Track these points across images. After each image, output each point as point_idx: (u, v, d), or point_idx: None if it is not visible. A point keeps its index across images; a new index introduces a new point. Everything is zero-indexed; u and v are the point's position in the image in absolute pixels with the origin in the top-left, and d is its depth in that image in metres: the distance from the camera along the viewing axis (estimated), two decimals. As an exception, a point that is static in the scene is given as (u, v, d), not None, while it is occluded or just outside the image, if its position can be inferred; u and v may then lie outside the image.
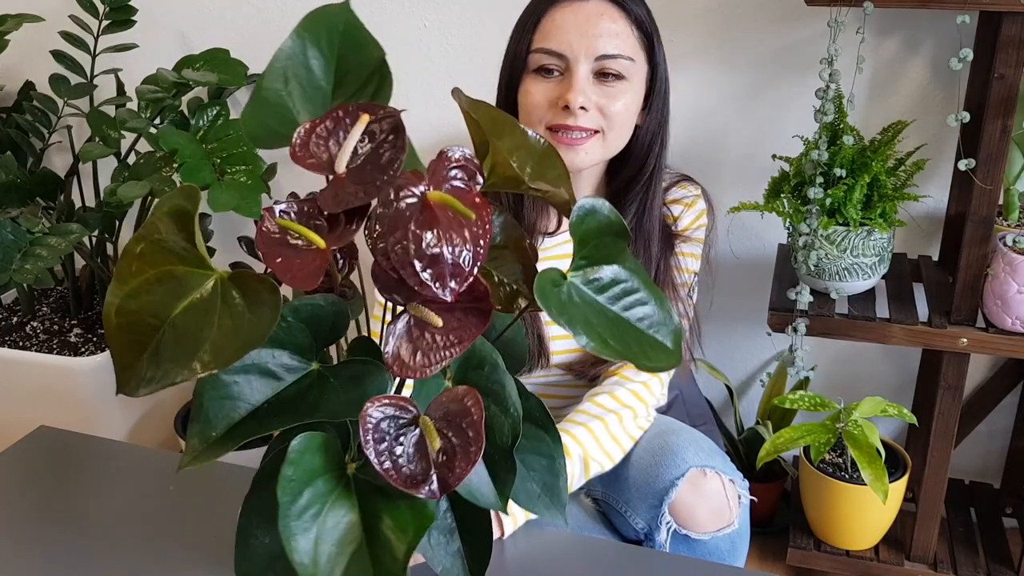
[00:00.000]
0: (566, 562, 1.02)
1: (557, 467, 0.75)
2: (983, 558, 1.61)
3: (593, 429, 1.18)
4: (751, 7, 1.64)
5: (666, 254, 1.30)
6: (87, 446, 1.21)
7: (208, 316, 0.58)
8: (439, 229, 0.59)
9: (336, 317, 0.65)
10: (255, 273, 0.59)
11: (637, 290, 0.70)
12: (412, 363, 0.62)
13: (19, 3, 2.01)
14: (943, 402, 1.48)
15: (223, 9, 1.92)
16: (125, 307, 0.59)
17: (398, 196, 0.60)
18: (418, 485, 0.60)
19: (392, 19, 1.82)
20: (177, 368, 0.57)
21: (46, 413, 1.73)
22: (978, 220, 1.37)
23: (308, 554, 0.59)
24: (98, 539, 1.02)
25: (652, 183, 1.27)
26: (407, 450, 0.61)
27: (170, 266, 0.60)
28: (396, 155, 0.62)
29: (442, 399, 0.64)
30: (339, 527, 0.61)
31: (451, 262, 0.59)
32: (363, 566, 0.60)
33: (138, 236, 0.61)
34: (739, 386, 1.93)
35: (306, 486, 0.60)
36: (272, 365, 0.64)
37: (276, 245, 0.61)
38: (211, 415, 0.62)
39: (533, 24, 1.18)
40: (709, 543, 1.16)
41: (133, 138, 1.87)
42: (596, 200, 0.67)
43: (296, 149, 0.64)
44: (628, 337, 0.68)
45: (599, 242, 0.68)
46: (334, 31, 0.71)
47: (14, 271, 1.57)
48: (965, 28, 1.32)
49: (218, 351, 0.56)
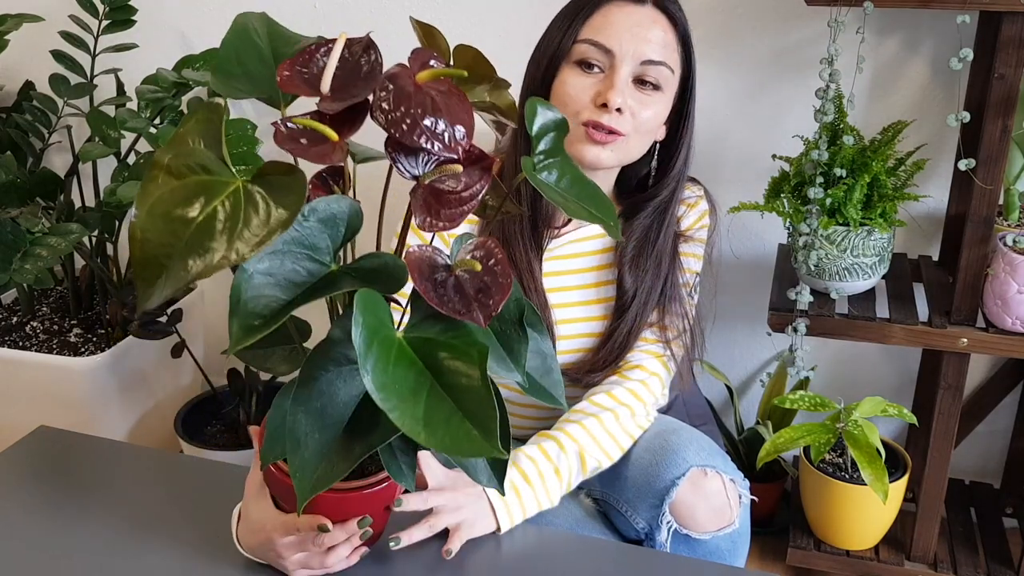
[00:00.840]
0: (566, 562, 1.02)
1: (549, 362, 0.84)
2: (983, 558, 1.61)
3: (588, 426, 1.18)
4: (751, 7, 1.64)
5: (673, 268, 1.30)
6: (87, 446, 1.21)
7: (235, 218, 0.62)
8: (435, 100, 0.69)
9: (352, 217, 0.72)
10: (275, 161, 0.65)
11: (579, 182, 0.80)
12: (439, 218, 0.71)
13: (19, 3, 2.01)
14: (943, 402, 1.48)
15: (223, 9, 1.92)
16: (150, 219, 0.63)
17: (394, 82, 0.69)
18: (466, 314, 0.69)
19: (392, 19, 1.83)
20: (205, 263, 0.61)
21: (46, 413, 1.73)
22: (978, 220, 1.37)
23: (391, 398, 0.65)
24: (98, 539, 1.02)
25: (671, 204, 1.27)
26: (448, 290, 0.70)
27: (195, 176, 0.64)
28: (373, 66, 0.71)
29: (467, 247, 0.73)
30: (409, 377, 0.68)
31: (451, 123, 0.69)
32: (438, 396, 0.67)
33: (165, 149, 0.66)
34: (739, 386, 1.93)
35: (374, 338, 0.67)
36: (296, 266, 0.70)
37: (295, 142, 0.69)
38: (250, 307, 0.68)
39: (585, 15, 1.18)
40: (709, 543, 1.16)
41: (133, 138, 1.87)
42: (537, 99, 0.77)
43: (283, 80, 0.72)
44: (587, 215, 0.78)
45: (548, 137, 0.78)
46: (260, 33, 0.83)
47: (14, 271, 1.57)
48: (965, 28, 1.32)
49: (246, 240, 0.62)
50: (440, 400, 0.67)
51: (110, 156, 1.78)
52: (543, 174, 0.77)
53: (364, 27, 1.85)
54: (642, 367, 1.26)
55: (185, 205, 0.63)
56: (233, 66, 0.79)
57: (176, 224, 0.62)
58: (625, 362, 1.28)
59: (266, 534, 0.93)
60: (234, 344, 0.65)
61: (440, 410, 0.66)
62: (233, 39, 0.81)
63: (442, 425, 0.65)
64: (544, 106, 0.78)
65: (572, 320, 1.30)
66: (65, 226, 1.65)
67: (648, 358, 1.28)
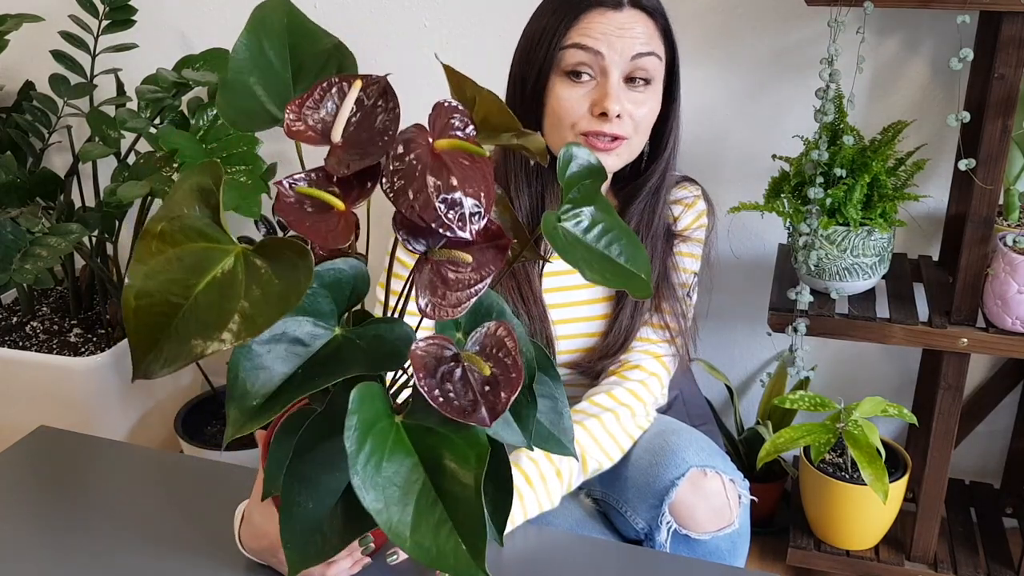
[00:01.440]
0: (566, 562, 1.02)
1: (560, 407, 0.79)
2: (983, 558, 1.61)
3: (589, 427, 1.18)
4: (751, 7, 1.64)
5: (666, 255, 1.30)
6: (87, 446, 1.21)
7: (234, 288, 0.58)
8: (454, 175, 0.63)
9: (356, 280, 0.68)
10: (282, 239, 0.60)
11: (612, 228, 0.75)
12: (443, 303, 0.65)
13: (19, 3, 2.01)
14: (943, 402, 1.48)
15: (223, 9, 1.92)
16: (145, 288, 0.59)
17: (408, 149, 0.63)
18: (470, 414, 0.64)
19: (392, 19, 1.83)
20: (204, 342, 0.57)
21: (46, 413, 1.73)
22: (978, 220, 1.37)
23: (380, 499, 0.61)
24: (98, 539, 1.02)
25: (661, 188, 1.28)
26: (455, 384, 0.65)
27: (191, 244, 0.61)
28: (390, 117, 0.66)
29: (476, 336, 0.69)
30: (401, 471, 0.63)
31: (470, 203, 0.63)
32: (431, 500, 0.63)
33: (158, 216, 0.62)
34: (739, 386, 1.93)
35: (368, 433, 0.63)
36: (298, 334, 0.66)
37: (297, 212, 0.64)
38: (248, 386, 0.63)
39: (567, 25, 1.18)
40: (709, 543, 1.16)
41: (133, 138, 1.87)
42: (576, 145, 0.72)
43: (290, 125, 0.67)
44: (617, 271, 0.73)
45: (581, 185, 0.73)
46: (279, 25, 0.77)
47: (14, 271, 1.57)
48: (965, 28, 1.32)
49: (249, 320, 0.57)
50: (432, 505, 0.62)
51: (110, 156, 1.78)
52: (570, 223, 0.72)
53: (364, 27, 1.85)
54: (641, 367, 1.27)
55: (181, 275, 0.60)
56: (244, 77, 0.74)
57: (170, 295, 0.59)
58: (624, 362, 1.28)
59: (269, 540, 0.93)
60: (232, 432, 0.62)
61: (430, 516, 0.62)
62: (249, 40, 0.76)
63: (430, 534, 0.61)
64: (576, 149, 0.73)
65: (573, 320, 1.30)
66: (65, 226, 1.65)
67: (647, 358, 1.28)
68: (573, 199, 0.73)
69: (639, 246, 0.76)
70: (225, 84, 0.73)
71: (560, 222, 0.72)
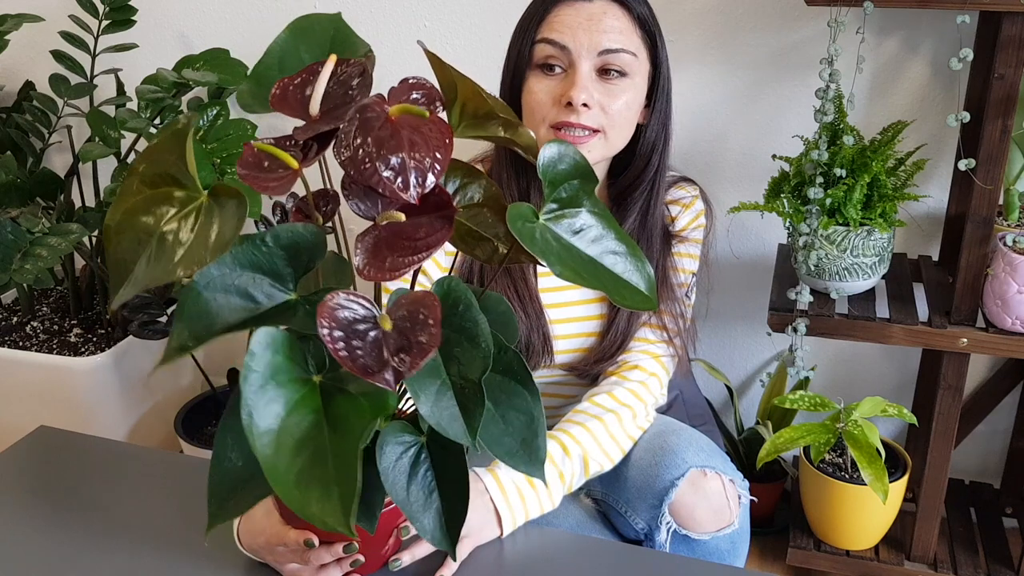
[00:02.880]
0: (566, 562, 1.02)
1: (536, 425, 0.76)
2: (983, 558, 1.61)
3: (592, 429, 1.18)
4: (751, 7, 1.64)
5: (664, 254, 1.30)
6: (87, 446, 1.21)
7: (189, 227, 0.63)
8: (402, 137, 0.64)
9: (315, 245, 0.68)
10: (228, 186, 0.64)
11: (605, 236, 0.73)
12: (383, 266, 0.65)
13: (19, 3, 2.01)
14: (943, 402, 1.48)
15: (223, 9, 1.92)
16: (125, 222, 0.65)
17: (363, 114, 0.65)
18: (374, 374, 0.62)
19: (392, 19, 1.83)
20: (162, 273, 0.62)
21: (46, 413, 1.73)
22: (978, 220, 1.37)
23: (270, 445, 0.62)
24: (98, 539, 1.02)
25: (656, 183, 1.27)
26: (365, 343, 0.64)
27: (167, 187, 0.65)
28: (360, 91, 0.68)
29: (402, 300, 0.67)
30: (302, 425, 0.64)
31: (413, 166, 0.63)
32: (322, 453, 0.63)
33: (141, 156, 0.67)
34: (739, 386, 1.93)
35: (269, 380, 0.63)
36: (252, 289, 0.67)
37: (254, 167, 0.67)
38: (190, 326, 0.65)
39: (538, 20, 1.19)
40: (709, 543, 1.16)
41: (133, 138, 1.87)
42: (563, 143, 0.71)
43: (274, 98, 0.70)
44: (602, 276, 0.72)
45: (568, 185, 0.72)
46: (324, 36, 0.79)
47: (14, 271, 1.57)
48: (965, 28, 1.32)
49: (192, 254, 0.62)
50: (322, 459, 0.63)
51: (110, 156, 1.78)
52: (557, 225, 0.70)
53: (364, 27, 1.85)
54: (641, 367, 1.26)
55: (153, 214, 0.64)
56: (273, 72, 0.77)
57: (141, 231, 0.64)
58: (624, 362, 1.28)
59: (265, 538, 0.94)
60: (163, 361, 0.63)
61: (321, 471, 0.62)
62: (286, 43, 0.78)
63: (317, 491, 0.61)
64: (563, 147, 0.71)
65: (570, 320, 1.30)
66: (65, 226, 1.65)
67: (647, 358, 1.28)
68: (559, 199, 0.71)
69: (642, 259, 0.74)
70: (256, 73, 0.77)
71: (539, 220, 0.70)
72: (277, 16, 1.89)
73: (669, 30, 1.68)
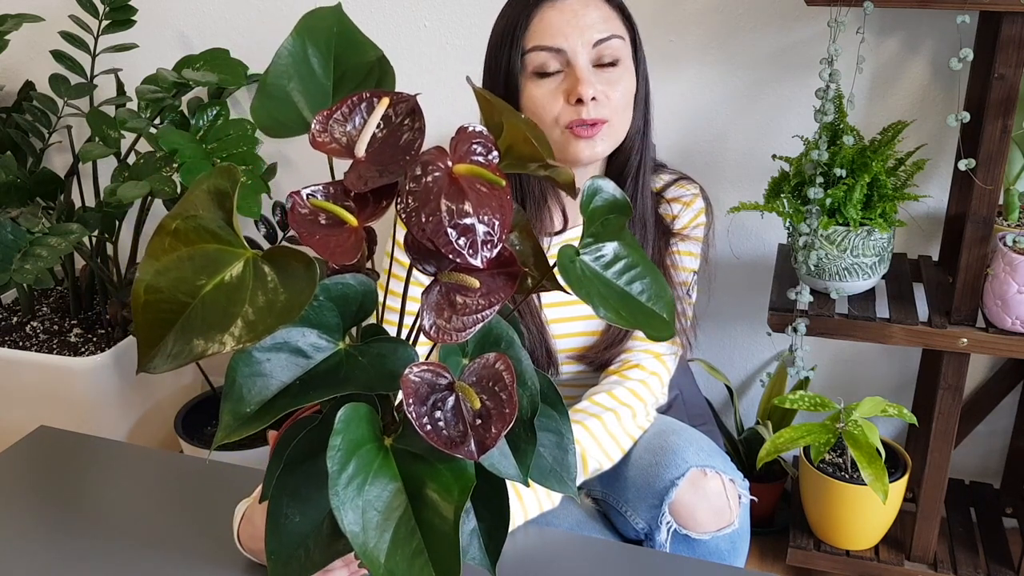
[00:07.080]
0: (566, 562, 1.02)
1: (566, 443, 0.77)
2: (983, 558, 1.61)
3: (590, 427, 1.18)
4: (751, 7, 1.64)
5: (660, 246, 1.30)
6: (87, 446, 1.21)
7: (240, 293, 0.59)
8: (469, 200, 0.62)
9: (364, 297, 0.67)
10: (290, 249, 0.60)
11: (636, 265, 0.74)
12: (448, 327, 0.64)
13: (19, 3, 2.01)
14: (943, 402, 1.48)
15: (223, 9, 1.92)
16: (155, 283, 0.60)
17: (426, 171, 0.63)
18: (457, 446, 0.63)
19: (392, 19, 1.83)
20: (206, 343, 0.58)
21: (46, 413, 1.73)
22: (978, 220, 1.37)
23: (358, 523, 0.61)
24: (98, 539, 1.02)
25: (643, 167, 1.27)
26: (445, 414, 0.64)
27: (204, 244, 0.61)
28: (415, 136, 0.65)
29: (474, 366, 0.67)
30: (384, 495, 0.63)
31: (483, 230, 0.62)
32: (410, 528, 0.62)
33: (174, 213, 0.62)
34: (739, 386, 1.93)
35: (352, 455, 0.62)
36: (302, 344, 0.65)
37: (310, 224, 0.64)
38: (244, 392, 0.63)
39: (523, 28, 1.18)
40: (709, 543, 1.16)
41: (133, 138, 1.87)
42: (602, 179, 0.71)
43: (315, 136, 0.67)
44: (634, 309, 0.71)
45: (605, 220, 0.72)
46: (329, 32, 0.76)
47: (14, 271, 1.57)
48: (965, 28, 1.32)
49: (251, 326, 0.57)
50: (410, 533, 0.62)
51: (110, 156, 1.78)
52: (590, 256, 0.70)
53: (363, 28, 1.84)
54: (641, 366, 1.27)
55: (192, 272, 0.60)
56: (283, 82, 0.73)
57: (181, 292, 0.60)
58: (624, 361, 1.28)
59: None
60: (222, 436, 0.62)
61: (407, 546, 0.61)
62: (294, 45, 0.74)
63: (404, 563, 0.60)
64: (602, 183, 0.71)
65: (569, 319, 1.30)
66: (65, 226, 1.65)
67: (647, 357, 1.28)
68: (596, 233, 0.71)
69: (665, 286, 0.74)
70: (263, 88, 0.72)
71: (580, 256, 0.70)
72: (277, 16, 1.89)
73: (669, 30, 1.68)
